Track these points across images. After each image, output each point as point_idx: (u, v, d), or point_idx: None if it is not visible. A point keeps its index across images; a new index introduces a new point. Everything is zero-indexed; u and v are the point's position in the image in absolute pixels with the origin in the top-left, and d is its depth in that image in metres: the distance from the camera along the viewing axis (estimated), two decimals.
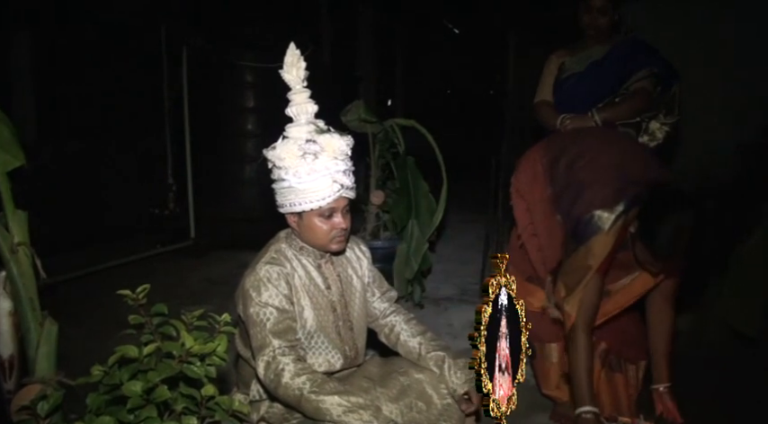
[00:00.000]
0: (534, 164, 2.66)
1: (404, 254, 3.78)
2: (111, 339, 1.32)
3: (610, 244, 2.21)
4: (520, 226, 2.73)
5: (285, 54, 1.89)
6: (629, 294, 2.38)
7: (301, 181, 1.80)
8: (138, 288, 1.29)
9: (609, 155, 2.43)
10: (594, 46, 2.95)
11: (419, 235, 3.77)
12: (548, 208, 2.56)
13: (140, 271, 4.49)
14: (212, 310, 1.44)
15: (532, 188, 2.64)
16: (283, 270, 1.88)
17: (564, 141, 2.67)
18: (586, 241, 2.24)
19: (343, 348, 1.98)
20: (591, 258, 2.23)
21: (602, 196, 2.24)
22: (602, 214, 2.20)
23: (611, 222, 2.18)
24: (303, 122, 1.87)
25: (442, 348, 2.04)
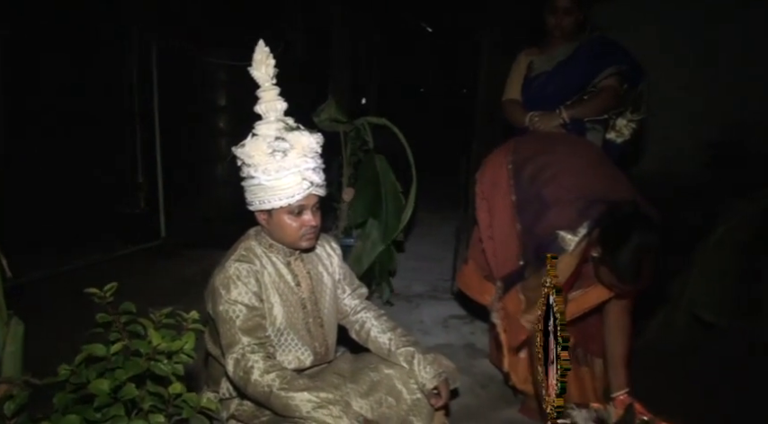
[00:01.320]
0: (499, 168, 2.68)
1: (358, 253, 3.77)
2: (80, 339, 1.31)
3: (573, 265, 2.24)
4: (481, 227, 2.76)
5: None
6: (582, 304, 2.39)
7: (270, 178, 1.80)
8: (106, 287, 1.28)
9: (573, 172, 2.43)
10: (562, 45, 2.99)
11: (376, 236, 3.76)
12: (509, 215, 2.58)
13: (110, 271, 4.43)
14: (183, 309, 1.44)
15: (495, 192, 2.66)
16: (253, 268, 1.88)
17: (530, 147, 2.68)
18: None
19: (313, 345, 1.99)
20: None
21: (565, 217, 2.25)
22: (566, 235, 2.21)
23: (575, 244, 2.20)
24: (272, 119, 1.88)
25: (412, 343, 2.06)
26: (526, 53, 3.15)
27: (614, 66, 2.85)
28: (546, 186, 2.41)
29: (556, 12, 2.95)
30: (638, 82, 2.89)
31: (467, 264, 2.98)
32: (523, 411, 2.74)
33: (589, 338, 2.61)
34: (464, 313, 3.95)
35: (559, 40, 3.00)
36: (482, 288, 2.81)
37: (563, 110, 2.84)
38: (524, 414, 2.73)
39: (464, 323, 3.79)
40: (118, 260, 4.75)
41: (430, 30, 11.09)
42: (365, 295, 2.21)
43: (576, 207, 2.25)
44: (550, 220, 2.30)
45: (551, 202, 2.35)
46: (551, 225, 2.27)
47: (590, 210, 2.21)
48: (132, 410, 1.25)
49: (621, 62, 2.85)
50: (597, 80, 2.87)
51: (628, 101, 2.89)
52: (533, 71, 3.07)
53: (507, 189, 2.60)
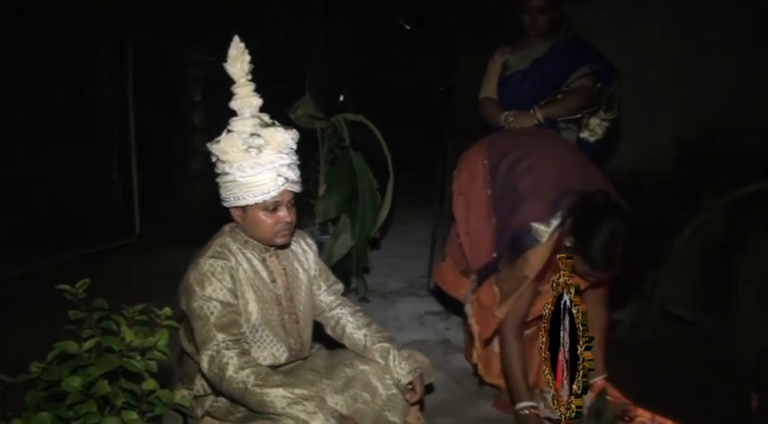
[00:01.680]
0: (476, 164, 2.71)
1: (328, 249, 3.77)
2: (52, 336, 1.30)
3: (546, 255, 2.27)
4: (458, 222, 2.79)
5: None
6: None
7: (245, 174, 1.80)
8: (78, 283, 1.27)
9: (547, 163, 2.47)
10: (537, 44, 3.01)
11: (347, 235, 3.77)
12: (485, 209, 2.61)
13: (83, 269, 4.36)
14: (157, 307, 1.43)
15: (472, 187, 2.69)
16: (227, 264, 1.88)
17: (505, 143, 2.71)
18: (524, 252, 2.29)
19: (289, 342, 1.99)
20: (527, 268, 2.29)
21: (538, 209, 2.29)
22: (539, 227, 2.25)
23: (548, 235, 2.24)
24: (247, 116, 1.87)
25: (388, 339, 2.07)
26: (501, 52, 3.17)
27: (587, 66, 2.88)
28: (520, 179, 2.45)
29: (530, 11, 2.98)
30: (610, 81, 2.93)
31: (444, 260, 3.01)
32: (497, 406, 2.77)
33: None
34: (440, 309, 3.97)
35: (534, 39, 3.02)
36: (458, 284, 2.83)
37: (537, 109, 2.88)
38: (498, 408, 2.76)
39: (440, 320, 3.81)
40: (92, 258, 4.70)
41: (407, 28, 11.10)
42: (341, 292, 2.22)
43: (549, 198, 2.29)
44: (525, 212, 2.33)
45: (526, 195, 2.38)
46: (526, 218, 2.30)
47: (563, 201, 2.25)
48: (105, 407, 1.24)
49: (594, 62, 2.89)
50: (571, 80, 2.90)
51: (601, 100, 2.93)
52: (508, 70, 3.09)
53: (483, 185, 2.63)
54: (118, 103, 5.31)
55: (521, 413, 2.32)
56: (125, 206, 5.31)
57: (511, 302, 2.35)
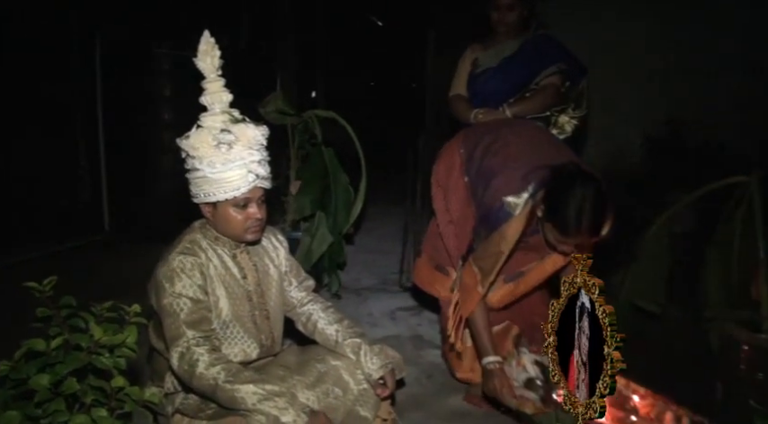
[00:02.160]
0: (453, 155, 2.74)
1: (306, 247, 3.78)
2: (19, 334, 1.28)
3: (520, 228, 2.30)
4: (438, 215, 2.80)
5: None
6: (540, 273, 2.48)
7: (215, 170, 1.79)
8: (45, 281, 1.26)
9: (519, 143, 2.52)
10: (506, 42, 3.03)
11: (324, 230, 3.77)
12: (464, 196, 2.64)
13: (51, 266, 4.30)
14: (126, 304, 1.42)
15: (450, 176, 2.71)
16: (197, 260, 1.87)
17: (481, 131, 2.74)
18: (498, 227, 2.33)
19: (260, 338, 1.99)
20: (503, 243, 2.33)
21: (510, 183, 2.32)
22: (511, 200, 2.28)
23: (520, 208, 2.27)
24: (217, 111, 1.86)
25: (359, 334, 2.08)
26: (472, 49, 3.19)
27: (556, 65, 2.91)
28: (493, 158, 2.49)
29: (499, 8, 3.00)
30: (579, 80, 2.96)
31: (420, 257, 3.02)
32: (468, 399, 2.80)
33: (535, 327, 2.67)
34: (412, 305, 4.00)
35: (504, 37, 3.04)
36: (432, 279, 2.85)
37: (506, 107, 2.90)
38: (469, 402, 2.79)
39: (411, 315, 3.83)
40: (59, 255, 4.63)
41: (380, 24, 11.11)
42: (312, 288, 2.22)
43: (520, 173, 2.32)
44: (496, 188, 2.37)
45: (497, 171, 2.42)
46: (497, 193, 2.34)
47: (534, 174, 2.28)
48: (74, 404, 1.23)
49: (563, 60, 2.92)
50: (540, 78, 2.93)
51: (570, 98, 2.96)
52: (478, 67, 3.11)
53: (460, 173, 2.67)
54: (86, 98, 5.23)
55: (487, 368, 2.38)
56: (94, 202, 5.24)
57: (491, 277, 2.39)
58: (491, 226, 2.36)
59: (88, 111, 5.23)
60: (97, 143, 5.17)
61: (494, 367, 2.37)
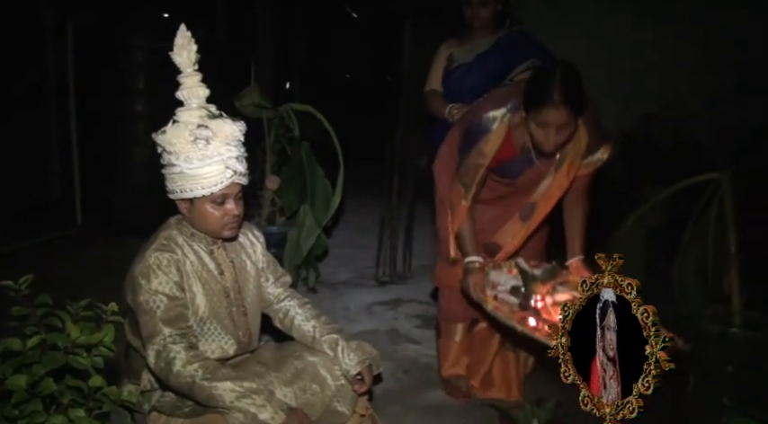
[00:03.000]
0: (454, 134, 2.72)
1: (294, 240, 3.78)
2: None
3: (497, 142, 2.39)
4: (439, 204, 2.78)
5: (176, 31, 1.85)
6: (549, 199, 2.50)
7: (192, 166, 1.77)
8: (21, 279, 1.24)
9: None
10: (481, 37, 3.04)
11: (311, 222, 3.77)
12: None
13: (22, 261, 4.26)
14: (101, 301, 1.40)
15: (453, 157, 2.69)
16: (174, 257, 1.85)
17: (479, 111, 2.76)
18: (477, 143, 2.42)
19: (237, 334, 1.98)
20: (481, 157, 2.42)
21: (488, 105, 2.45)
22: (490, 115, 2.39)
23: (498, 121, 2.37)
24: (194, 106, 1.84)
25: (336, 330, 2.08)
26: (447, 44, 3.20)
27: (531, 61, 2.93)
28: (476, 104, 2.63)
29: (471, 4, 3.01)
30: None
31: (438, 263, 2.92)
32: (448, 391, 2.82)
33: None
34: (388, 299, 4.01)
35: (479, 32, 3.06)
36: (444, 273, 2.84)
37: None
38: (449, 393, 2.81)
39: (388, 310, 3.84)
40: (31, 250, 4.55)
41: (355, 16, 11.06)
42: (289, 284, 2.22)
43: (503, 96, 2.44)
44: (476, 109, 2.51)
45: (480, 103, 2.56)
46: (478, 110, 2.47)
47: (513, 97, 2.36)
48: (51, 405, 1.22)
49: (538, 57, 2.94)
50: (514, 74, 2.95)
51: None
52: (453, 62, 3.12)
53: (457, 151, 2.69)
54: (58, 89, 5.14)
55: (467, 267, 2.48)
56: (66, 195, 5.16)
57: (473, 191, 2.48)
58: (471, 142, 2.46)
59: (60, 103, 5.14)
60: (69, 135, 5.08)
61: (473, 266, 2.47)
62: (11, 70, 4.82)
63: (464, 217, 2.53)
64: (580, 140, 2.37)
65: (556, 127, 2.19)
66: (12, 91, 4.83)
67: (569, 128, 2.22)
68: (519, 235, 2.57)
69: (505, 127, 2.37)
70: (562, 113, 2.15)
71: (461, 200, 2.52)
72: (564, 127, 2.20)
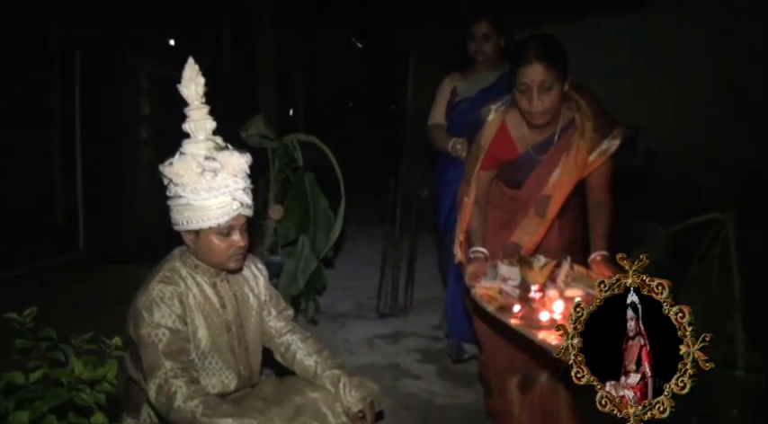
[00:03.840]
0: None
1: (291, 271, 3.76)
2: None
3: (492, 131, 2.44)
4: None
5: (183, 61, 1.86)
6: (561, 188, 2.41)
7: (199, 198, 1.78)
8: (26, 312, 1.24)
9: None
10: (485, 72, 3.07)
11: (309, 253, 3.76)
12: None
13: (24, 286, 4.24)
14: (101, 328, 1.40)
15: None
16: (177, 289, 1.85)
17: None
18: (475, 136, 2.49)
19: (238, 368, 1.97)
20: (478, 150, 2.47)
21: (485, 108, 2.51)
22: (484, 109, 2.48)
23: (493, 112, 2.44)
24: (201, 139, 1.85)
25: (338, 366, 2.07)
26: (451, 78, 3.23)
27: None
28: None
29: (475, 38, 3.05)
30: None
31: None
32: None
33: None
34: (389, 332, 3.98)
35: (483, 66, 3.08)
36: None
37: None
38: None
39: (389, 343, 3.81)
40: (32, 275, 4.53)
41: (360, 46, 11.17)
42: (291, 317, 2.20)
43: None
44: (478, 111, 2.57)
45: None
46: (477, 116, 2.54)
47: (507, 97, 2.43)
48: None
49: None
50: None
51: None
52: (457, 96, 3.14)
53: None
54: (63, 115, 5.17)
55: (472, 255, 2.49)
56: (69, 221, 5.15)
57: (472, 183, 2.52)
58: (472, 140, 2.53)
59: (66, 128, 5.16)
60: (74, 160, 5.09)
61: (476, 256, 2.47)
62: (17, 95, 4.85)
63: (470, 214, 2.54)
64: (583, 122, 2.34)
65: (537, 87, 2.18)
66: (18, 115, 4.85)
67: (553, 90, 2.19)
68: (537, 232, 2.50)
69: (500, 116, 2.42)
70: (537, 69, 2.16)
71: (464, 197, 2.55)
72: (545, 86, 2.18)
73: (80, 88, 5.10)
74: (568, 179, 2.39)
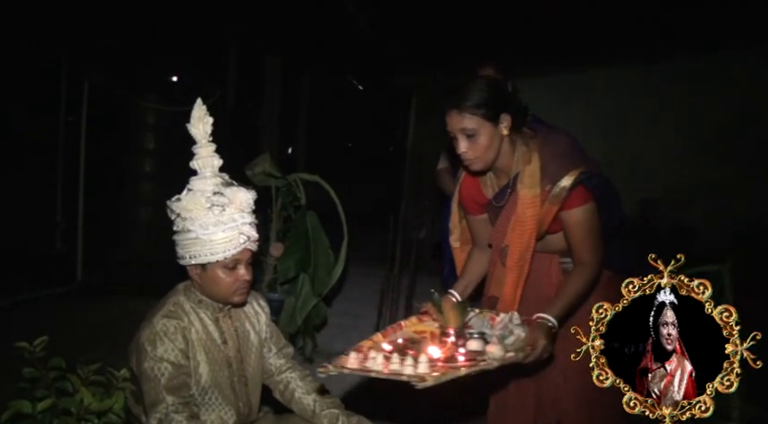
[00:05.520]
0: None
1: (290, 309, 3.78)
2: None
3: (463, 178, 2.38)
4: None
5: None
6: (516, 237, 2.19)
7: (208, 232, 1.82)
8: (36, 341, 1.26)
9: None
10: None
11: (308, 291, 3.78)
12: None
13: (21, 315, 4.22)
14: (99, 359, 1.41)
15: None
16: (180, 324, 1.87)
17: None
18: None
19: (237, 405, 1.97)
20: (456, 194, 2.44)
21: None
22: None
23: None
24: (208, 175, 1.90)
25: (337, 405, 2.07)
26: None
27: None
28: None
29: None
30: None
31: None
32: None
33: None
34: None
35: None
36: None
37: None
38: None
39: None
40: (31, 304, 4.51)
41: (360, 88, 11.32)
42: (291, 355, 2.22)
43: None
44: None
45: None
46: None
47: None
48: None
49: None
50: None
51: None
52: None
53: None
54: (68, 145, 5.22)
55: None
56: (67, 250, 5.16)
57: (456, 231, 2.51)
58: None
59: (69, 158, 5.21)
60: (76, 190, 5.12)
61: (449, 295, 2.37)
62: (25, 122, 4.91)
63: (460, 259, 2.50)
64: (531, 164, 2.12)
65: (460, 134, 2.07)
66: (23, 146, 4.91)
67: (480, 136, 2.05)
68: (505, 283, 2.24)
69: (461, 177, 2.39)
70: (455, 118, 2.05)
71: (452, 242, 2.54)
72: (469, 132, 2.05)
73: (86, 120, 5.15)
74: (522, 229, 2.17)
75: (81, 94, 5.11)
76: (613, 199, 2.11)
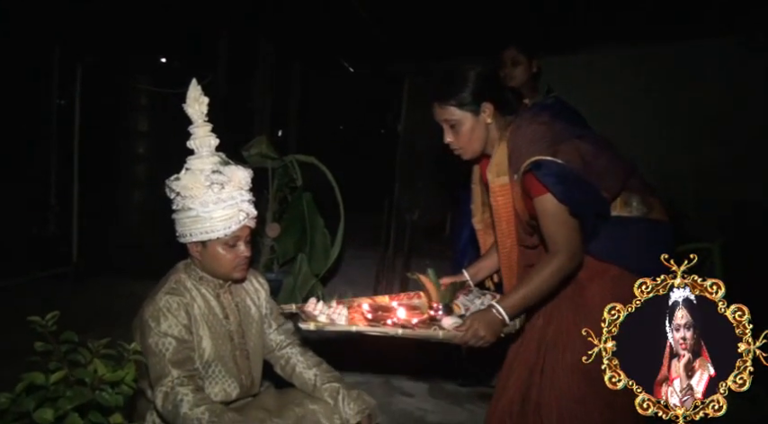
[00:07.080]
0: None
1: (289, 288, 3.82)
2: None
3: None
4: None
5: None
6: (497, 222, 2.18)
7: (208, 209, 1.87)
8: (48, 315, 1.28)
9: None
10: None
11: (307, 271, 3.81)
12: None
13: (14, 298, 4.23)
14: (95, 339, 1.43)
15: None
16: (183, 300, 1.91)
17: None
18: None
19: (240, 377, 2.02)
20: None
21: None
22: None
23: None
24: (206, 154, 1.95)
25: (337, 379, 2.11)
26: None
27: None
28: None
29: (504, 65, 3.06)
30: None
31: None
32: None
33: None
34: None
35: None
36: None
37: None
38: None
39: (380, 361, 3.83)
40: (24, 286, 4.52)
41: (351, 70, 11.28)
42: (291, 331, 2.25)
43: None
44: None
45: None
46: None
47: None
48: None
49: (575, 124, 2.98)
50: None
51: None
52: None
53: None
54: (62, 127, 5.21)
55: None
56: (62, 232, 5.16)
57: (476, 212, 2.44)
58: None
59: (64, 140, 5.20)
60: (71, 172, 5.12)
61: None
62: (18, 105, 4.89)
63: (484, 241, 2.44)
64: (498, 153, 2.09)
65: (445, 124, 2.08)
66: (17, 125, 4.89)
67: (462, 126, 2.06)
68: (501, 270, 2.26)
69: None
70: (436, 109, 2.07)
71: (475, 224, 2.46)
72: (451, 123, 2.06)
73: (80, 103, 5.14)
74: (498, 217, 2.15)
75: (74, 77, 5.08)
76: (578, 189, 1.93)
